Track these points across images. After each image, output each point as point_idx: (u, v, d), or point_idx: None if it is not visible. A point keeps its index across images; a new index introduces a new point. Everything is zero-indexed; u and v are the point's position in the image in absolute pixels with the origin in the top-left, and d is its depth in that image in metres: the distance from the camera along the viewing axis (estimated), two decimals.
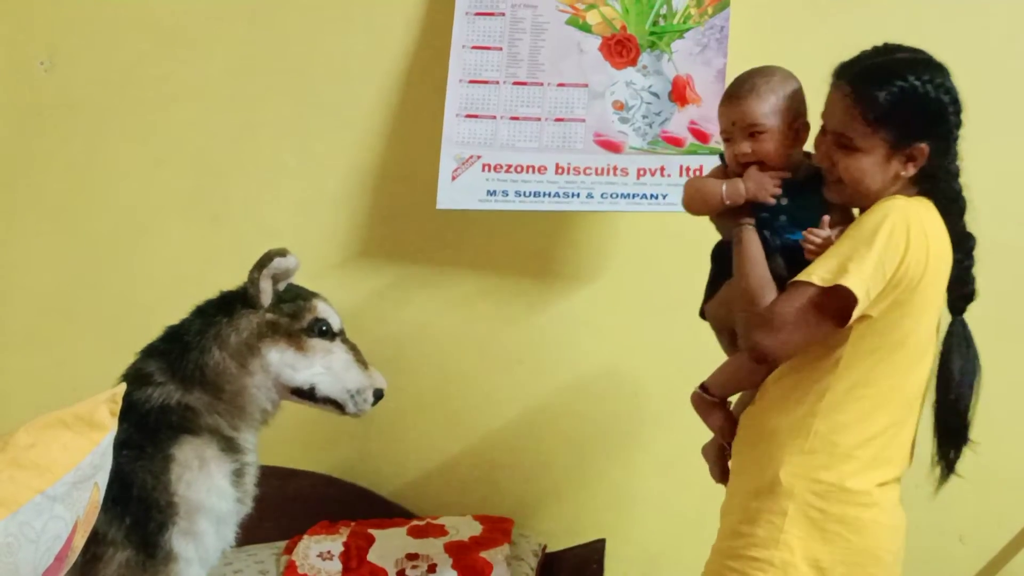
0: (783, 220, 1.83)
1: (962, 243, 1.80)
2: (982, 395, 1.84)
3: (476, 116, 2.57)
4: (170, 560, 1.94)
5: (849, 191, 1.78)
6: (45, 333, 2.87)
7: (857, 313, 1.68)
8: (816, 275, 1.69)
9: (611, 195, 2.50)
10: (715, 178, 1.90)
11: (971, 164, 1.81)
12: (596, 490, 2.78)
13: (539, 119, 2.56)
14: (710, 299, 1.98)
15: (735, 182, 1.84)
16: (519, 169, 2.54)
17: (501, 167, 2.55)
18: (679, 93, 2.52)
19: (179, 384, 2.01)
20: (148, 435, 1.96)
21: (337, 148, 2.78)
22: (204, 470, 1.98)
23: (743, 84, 1.87)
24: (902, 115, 1.72)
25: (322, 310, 2.11)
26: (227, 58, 2.80)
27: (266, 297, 2.06)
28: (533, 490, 2.79)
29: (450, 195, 2.56)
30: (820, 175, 1.83)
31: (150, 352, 2.07)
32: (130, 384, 1.91)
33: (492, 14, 2.60)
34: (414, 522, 2.61)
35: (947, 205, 1.78)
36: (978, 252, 1.82)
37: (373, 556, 2.45)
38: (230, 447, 2.04)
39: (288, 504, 2.64)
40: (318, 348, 2.09)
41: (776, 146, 1.84)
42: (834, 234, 1.75)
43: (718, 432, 1.97)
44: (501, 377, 2.78)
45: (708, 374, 1.97)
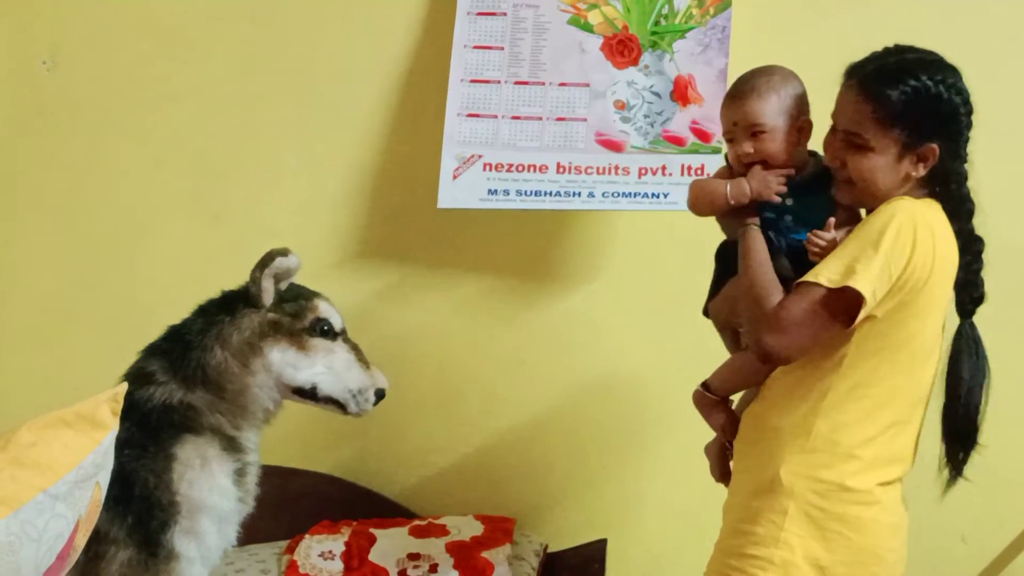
0: (788, 220, 1.83)
1: (970, 245, 1.79)
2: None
3: (477, 115, 2.57)
4: (172, 559, 1.94)
5: (859, 191, 1.77)
6: (47, 332, 2.87)
7: (863, 314, 1.68)
8: (823, 276, 1.68)
9: (612, 194, 2.50)
10: (720, 179, 1.90)
11: (975, 165, 1.81)
12: (598, 490, 2.78)
13: (540, 118, 2.56)
14: (713, 297, 1.98)
15: (739, 182, 1.84)
16: (520, 168, 2.54)
17: (502, 166, 2.55)
18: (681, 93, 2.51)
19: (181, 383, 2.01)
20: (150, 434, 1.96)
21: (338, 148, 2.78)
22: (206, 469, 1.98)
23: (744, 84, 1.87)
24: (914, 114, 1.72)
25: (324, 310, 2.11)
26: (228, 58, 2.80)
27: (268, 296, 2.06)
28: (535, 490, 2.79)
29: (451, 194, 2.56)
30: (825, 174, 1.83)
31: (152, 351, 2.07)
32: (132, 383, 1.91)
33: (494, 14, 2.60)
34: (416, 522, 2.61)
35: (956, 207, 1.78)
36: (984, 254, 1.82)
37: (374, 556, 2.45)
38: (232, 446, 2.04)
39: (290, 504, 2.64)
40: (320, 348, 2.09)
41: (779, 145, 1.84)
42: (840, 235, 1.75)
43: (720, 431, 1.97)
44: (503, 377, 2.77)
45: (710, 373, 1.97)
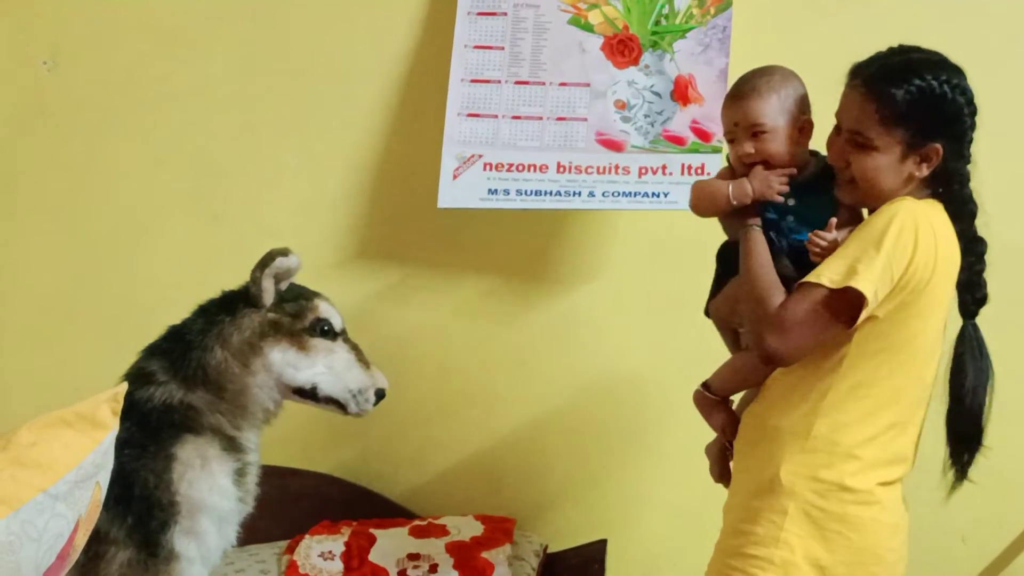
0: (790, 220, 1.83)
1: (973, 247, 1.79)
2: None
3: (478, 115, 2.57)
4: (172, 559, 1.94)
5: (862, 191, 1.77)
6: (47, 332, 2.87)
7: (865, 314, 1.68)
8: (825, 277, 1.68)
9: (612, 193, 2.50)
10: (721, 179, 1.90)
11: (976, 166, 1.80)
12: (598, 490, 2.77)
13: (541, 118, 2.55)
14: (714, 297, 1.98)
15: (741, 182, 1.84)
16: (520, 168, 2.54)
17: (502, 166, 2.55)
18: (681, 92, 2.51)
19: (181, 383, 2.01)
20: (150, 434, 1.96)
21: (338, 148, 2.78)
22: (206, 469, 1.98)
23: (744, 85, 1.87)
24: (919, 114, 1.72)
25: (324, 310, 2.11)
26: (228, 58, 2.80)
27: (268, 296, 2.06)
28: (535, 490, 2.79)
29: (451, 194, 2.56)
30: (827, 175, 1.83)
31: (152, 351, 2.07)
32: (132, 383, 1.91)
33: (494, 14, 2.59)
34: (415, 522, 2.61)
35: (958, 208, 1.78)
36: (987, 255, 1.81)
37: (374, 556, 2.45)
38: (232, 446, 2.04)
39: (290, 504, 2.64)
40: (320, 348, 2.09)
41: (780, 145, 1.84)
42: (841, 235, 1.75)
43: (720, 431, 1.97)
44: (503, 377, 2.77)
45: (710, 373, 1.97)
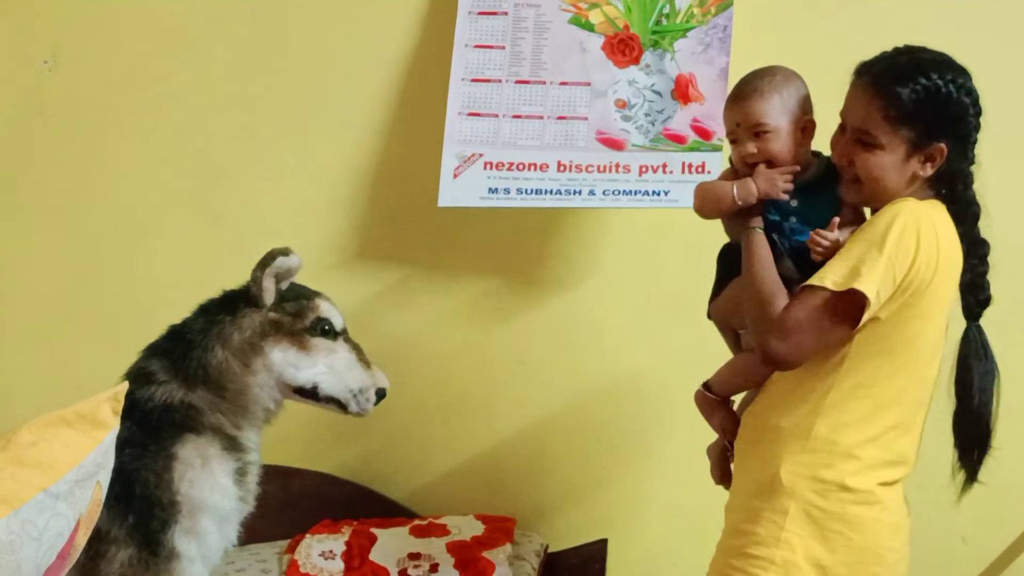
0: (793, 222, 1.82)
1: (976, 248, 1.80)
2: None
3: (478, 114, 2.57)
4: (172, 558, 1.94)
5: (866, 190, 1.77)
6: (47, 332, 2.87)
7: (867, 316, 1.68)
8: (829, 279, 1.68)
9: (613, 192, 2.50)
10: (725, 180, 1.89)
11: (979, 166, 1.81)
12: (599, 490, 2.77)
13: (541, 117, 2.55)
14: (715, 299, 1.98)
15: (746, 181, 1.83)
16: (521, 167, 2.54)
17: (503, 165, 2.54)
18: (682, 91, 2.51)
19: (182, 383, 2.01)
20: (151, 433, 1.96)
21: (338, 147, 2.77)
22: (207, 469, 1.98)
23: (746, 85, 1.87)
24: (924, 113, 1.71)
25: (325, 309, 2.11)
26: (228, 57, 2.80)
27: (269, 296, 2.06)
28: (535, 490, 2.78)
29: (452, 193, 2.55)
30: (830, 175, 1.83)
31: (153, 351, 2.07)
32: (133, 383, 1.91)
33: (495, 13, 2.59)
34: (416, 521, 2.61)
35: (962, 210, 1.78)
36: (989, 256, 1.81)
37: (375, 555, 2.45)
38: (233, 446, 2.04)
39: (290, 503, 2.64)
40: (321, 347, 2.09)
41: (783, 145, 1.84)
42: (843, 236, 1.75)
43: (720, 431, 1.97)
44: (503, 376, 2.77)
45: (711, 372, 1.97)
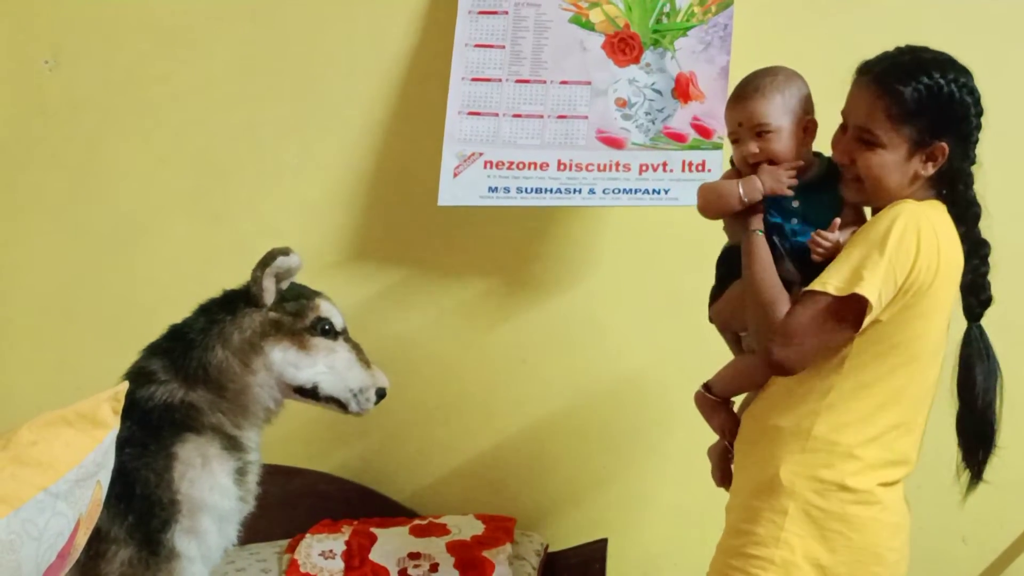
0: (795, 223, 1.82)
1: (977, 249, 1.80)
2: None
3: (478, 113, 2.57)
4: (172, 558, 1.94)
5: (867, 189, 1.77)
6: (48, 331, 2.87)
7: (869, 319, 1.68)
8: (831, 284, 1.68)
9: (613, 191, 2.50)
10: (729, 179, 1.89)
11: (980, 167, 1.81)
12: (599, 489, 2.77)
13: (541, 116, 2.55)
14: (716, 302, 1.97)
15: (751, 179, 1.83)
16: (521, 166, 2.53)
17: (503, 164, 2.54)
18: (682, 90, 2.51)
19: (182, 382, 2.01)
20: (151, 433, 1.96)
21: (339, 146, 2.77)
22: (207, 468, 1.98)
23: (748, 85, 1.87)
24: (926, 112, 1.72)
25: (325, 309, 2.11)
26: (229, 57, 2.80)
27: (269, 296, 2.06)
28: (535, 489, 2.78)
29: (452, 192, 2.55)
30: (831, 175, 1.83)
31: (153, 350, 2.07)
32: (133, 382, 1.90)
33: (495, 12, 2.59)
34: (416, 521, 2.61)
35: (963, 210, 1.78)
36: (990, 256, 1.81)
37: (375, 555, 2.45)
38: (233, 445, 2.03)
39: (290, 503, 2.64)
40: (321, 347, 2.08)
41: (785, 144, 1.84)
42: (843, 236, 1.75)
43: (720, 432, 1.96)
44: (504, 376, 2.77)
45: (712, 372, 1.97)
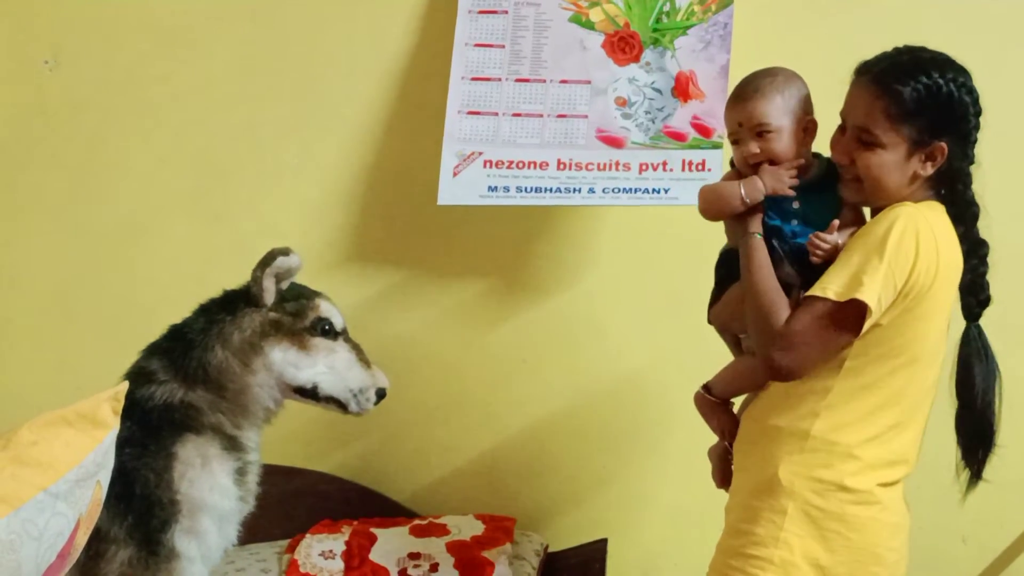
0: (794, 224, 1.82)
1: (976, 249, 1.80)
2: None
3: (478, 113, 2.57)
4: (172, 558, 1.94)
5: (867, 189, 1.77)
6: (48, 331, 2.87)
7: (869, 324, 1.68)
8: (831, 290, 1.68)
9: (613, 190, 2.49)
10: (730, 181, 1.89)
11: (979, 166, 1.81)
12: (599, 489, 2.77)
13: (541, 115, 2.55)
14: (715, 304, 1.97)
15: (752, 180, 1.83)
16: (520, 165, 2.53)
17: (503, 163, 2.54)
18: (682, 89, 2.51)
19: (182, 382, 2.01)
20: (151, 433, 1.96)
21: (339, 146, 2.77)
22: (207, 468, 1.98)
23: (748, 86, 1.87)
24: (925, 112, 1.72)
25: (325, 309, 2.11)
26: (229, 57, 2.80)
27: (269, 296, 2.06)
28: (535, 489, 2.78)
29: (451, 191, 2.55)
30: (830, 176, 1.83)
31: (153, 350, 2.07)
32: (133, 382, 1.90)
33: (495, 12, 2.59)
34: (416, 521, 2.61)
35: (961, 210, 1.78)
36: (988, 256, 1.81)
37: (375, 555, 2.45)
38: (233, 445, 2.04)
39: (290, 503, 2.64)
40: (321, 347, 2.08)
41: (785, 144, 1.83)
42: (842, 238, 1.75)
43: (720, 433, 1.96)
44: (504, 376, 2.77)
45: (712, 372, 1.97)
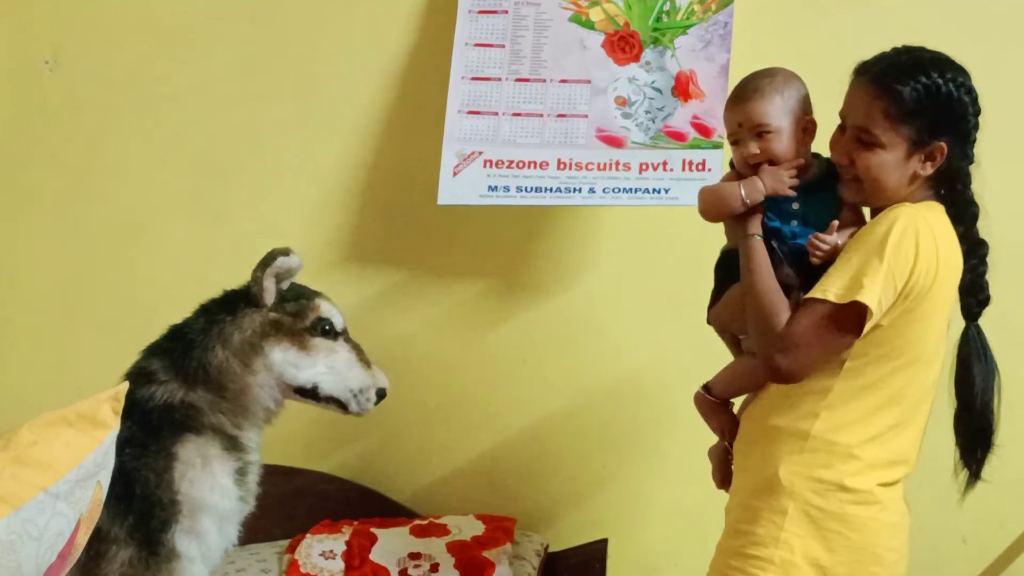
0: (794, 224, 1.82)
1: (975, 249, 1.79)
2: None
3: (478, 112, 2.57)
4: (173, 558, 1.94)
5: (866, 189, 1.77)
6: (48, 331, 2.87)
7: (869, 325, 1.69)
8: (831, 292, 1.68)
9: (613, 190, 2.49)
10: (730, 181, 1.89)
11: (978, 166, 1.80)
12: (599, 489, 2.77)
13: (541, 115, 2.55)
14: (714, 305, 1.97)
15: (752, 180, 1.83)
16: (520, 165, 2.53)
17: (503, 163, 2.54)
18: (682, 88, 2.51)
19: (182, 382, 2.01)
20: (151, 433, 1.96)
21: (339, 146, 2.77)
22: (207, 468, 1.98)
23: (747, 86, 1.87)
24: (925, 111, 1.72)
25: (325, 309, 2.11)
26: (229, 57, 2.80)
27: (269, 296, 2.06)
28: (536, 489, 2.78)
29: (451, 191, 2.55)
30: (830, 176, 1.83)
31: (153, 350, 2.07)
32: (133, 382, 1.91)
33: (495, 11, 2.59)
34: (416, 521, 2.61)
35: (961, 210, 1.78)
36: (988, 256, 1.81)
37: (375, 555, 2.45)
38: (233, 446, 2.04)
39: (291, 503, 2.64)
40: (321, 347, 2.08)
41: (785, 145, 1.83)
42: (842, 238, 1.75)
43: (720, 433, 1.96)
44: (504, 376, 2.77)
45: (712, 372, 1.96)
